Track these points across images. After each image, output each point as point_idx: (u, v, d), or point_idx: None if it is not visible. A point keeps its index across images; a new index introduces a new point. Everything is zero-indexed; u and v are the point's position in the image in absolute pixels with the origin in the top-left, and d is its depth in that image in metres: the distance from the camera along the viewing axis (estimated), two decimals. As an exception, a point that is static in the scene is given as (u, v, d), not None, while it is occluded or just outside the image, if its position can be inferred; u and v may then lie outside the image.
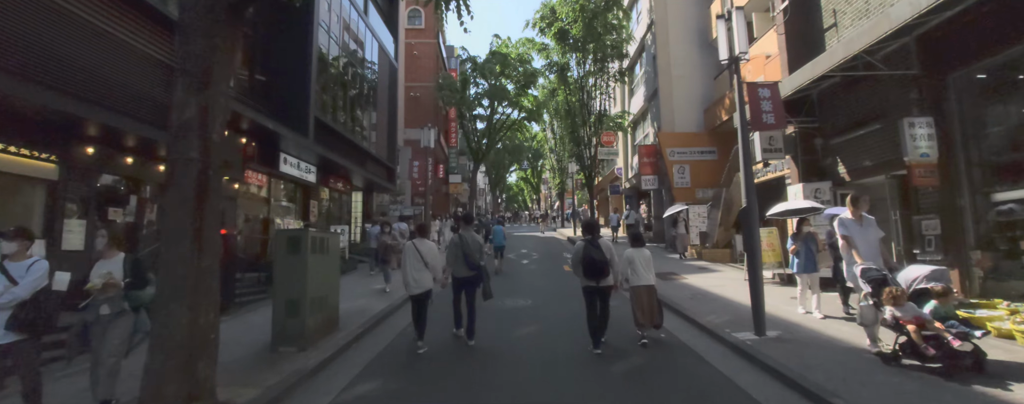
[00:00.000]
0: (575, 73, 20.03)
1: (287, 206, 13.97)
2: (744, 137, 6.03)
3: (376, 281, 10.95)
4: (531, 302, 8.43)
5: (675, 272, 11.14)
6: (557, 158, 32.15)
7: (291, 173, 13.19)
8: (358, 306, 7.88)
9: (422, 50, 26.88)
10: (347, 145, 16.41)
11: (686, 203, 14.89)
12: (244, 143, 11.35)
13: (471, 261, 5.76)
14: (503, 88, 22.48)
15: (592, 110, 19.46)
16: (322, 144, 14.10)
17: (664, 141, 15.84)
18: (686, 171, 15.61)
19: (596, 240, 5.40)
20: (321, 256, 5.91)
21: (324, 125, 14.33)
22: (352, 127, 16.90)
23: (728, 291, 8.59)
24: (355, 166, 17.01)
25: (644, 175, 16.83)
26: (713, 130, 15.67)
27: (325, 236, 6.10)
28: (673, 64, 16.71)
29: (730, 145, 15.79)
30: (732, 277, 10.33)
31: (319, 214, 15.86)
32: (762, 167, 10.15)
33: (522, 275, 12.16)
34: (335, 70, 14.99)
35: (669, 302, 7.85)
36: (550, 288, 9.89)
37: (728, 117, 14.20)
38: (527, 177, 52.68)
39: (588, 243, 5.39)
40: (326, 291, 6.03)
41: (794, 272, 6.87)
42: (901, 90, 6.83)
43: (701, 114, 16.34)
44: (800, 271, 6.74)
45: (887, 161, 7.07)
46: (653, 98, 17.97)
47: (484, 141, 24.48)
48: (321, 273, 5.89)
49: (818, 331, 5.84)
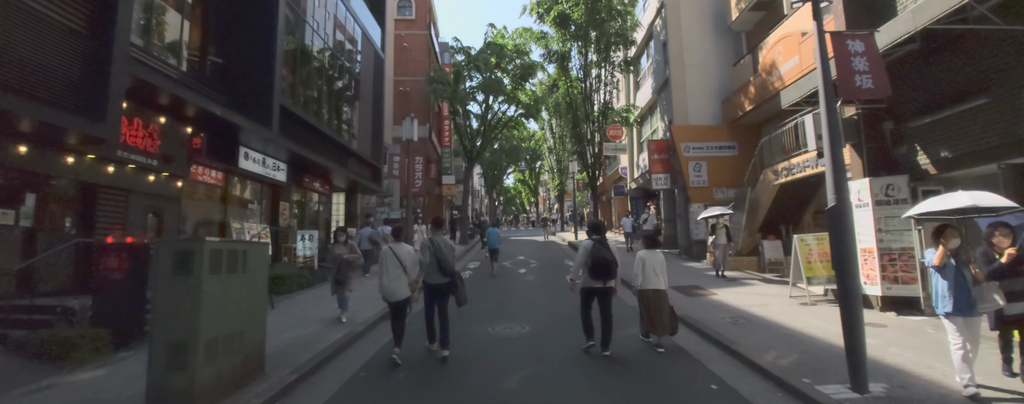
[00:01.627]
0: (576, 63, 18.38)
1: (251, 208, 12.23)
2: (829, 106, 4.34)
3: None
4: (529, 329, 6.69)
5: (699, 285, 9.43)
6: (556, 158, 30.46)
7: (254, 170, 11.47)
8: (302, 338, 6.07)
9: (412, 42, 25.20)
10: (324, 140, 14.69)
11: (706, 204, 13.21)
12: (190, 133, 9.65)
13: (445, 267, 5.36)
14: (499, 81, 20.77)
15: (595, 103, 17.78)
16: (292, 138, 12.39)
17: (678, 135, 14.17)
18: (703, 168, 13.93)
19: (604, 240, 5.29)
20: (235, 277, 4.18)
21: (294, 116, 12.62)
22: (330, 121, 15.18)
23: (775, 313, 6.88)
24: (335, 164, 15.30)
25: (655, 173, 15.14)
26: (733, 123, 14.01)
27: (241, 247, 4.36)
28: (686, 51, 15.06)
29: (752, 139, 14.13)
30: (770, 293, 8.62)
31: (291, 217, 14.12)
32: (814, 158, 8.43)
33: (518, 288, 10.42)
34: (307, 55, 13.29)
35: (704, 327, 6.13)
36: (554, 308, 8.16)
37: (753, 107, 12.55)
38: (525, 179, 50.93)
39: (597, 243, 5.25)
40: (243, 325, 4.30)
41: (940, 314, 4.10)
42: (1020, 53, 5.15)
43: (718, 106, 14.69)
44: (948, 309, 3.97)
45: (998, 146, 5.39)
46: (663, 89, 16.31)
47: (478, 142, 22.71)
48: (234, 301, 4.17)
49: (944, 386, 4.13)
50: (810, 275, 7.50)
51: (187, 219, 9.89)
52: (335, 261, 7.14)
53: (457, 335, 5.99)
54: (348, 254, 7.25)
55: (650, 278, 5.51)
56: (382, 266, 5.34)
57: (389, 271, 5.26)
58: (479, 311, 7.83)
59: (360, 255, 7.16)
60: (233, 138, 10.65)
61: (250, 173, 11.40)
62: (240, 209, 11.73)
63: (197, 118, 9.44)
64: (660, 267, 5.57)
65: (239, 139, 10.79)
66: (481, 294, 9.66)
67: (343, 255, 7.18)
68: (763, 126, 13.95)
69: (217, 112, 9.05)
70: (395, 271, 5.26)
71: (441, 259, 5.32)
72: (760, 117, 13.44)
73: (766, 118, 13.43)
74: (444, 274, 5.38)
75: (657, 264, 5.55)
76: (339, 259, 7.14)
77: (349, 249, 7.39)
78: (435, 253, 5.34)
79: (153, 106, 8.53)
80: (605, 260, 5.11)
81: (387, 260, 5.32)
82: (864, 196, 6.89)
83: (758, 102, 12.20)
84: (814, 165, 9.43)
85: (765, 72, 11.77)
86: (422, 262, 5.32)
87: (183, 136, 9.48)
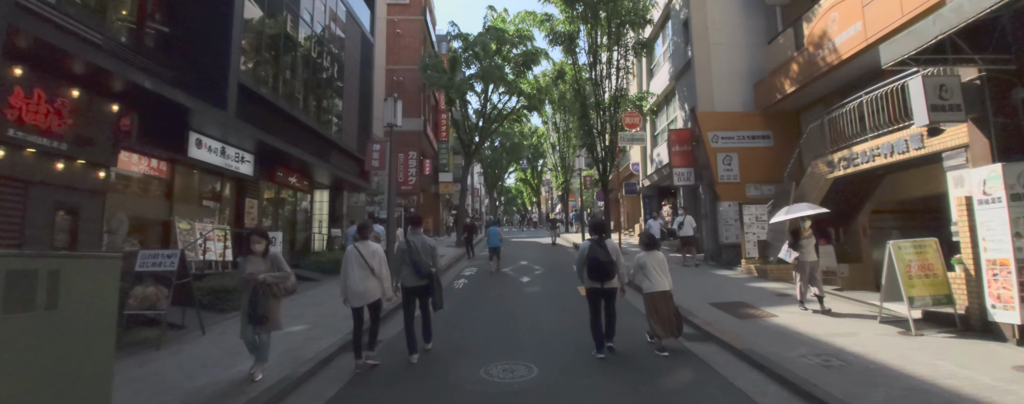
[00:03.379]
0: (584, 46, 16.54)
1: (206, 205, 10.42)
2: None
3: (305, 314, 7.40)
4: (536, 372, 4.77)
5: (747, 302, 7.59)
6: (560, 155, 28.61)
7: (210, 161, 9.69)
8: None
9: (406, 28, 23.41)
10: (301, 130, 12.92)
11: (740, 202, 11.37)
12: (117, 113, 7.84)
13: (421, 269, 5.17)
14: (499, 67, 18.93)
15: (606, 90, 15.91)
16: (260, 125, 10.64)
17: (704, 123, 12.33)
18: (733, 161, 12.09)
19: (603, 240, 5.15)
20: (32, 320, 2.36)
21: (262, 100, 10.84)
22: (308, 108, 13.39)
23: (876, 349, 5.02)
24: (315, 158, 13.53)
25: (676, 168, 13.30)
26: (767, 109, 12.17)
27: (44, 265, 2.53)
28: (712, 29, 13.24)
29: (789, 128, 12.29)
30: (846, 314, 6.77)
31: (261, 217, 12.31)
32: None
33: (521, 304, 8.59)
34: (277, 29, 11.49)
35: (786, 372, 4.29)
36: (567, 334, 6.34)
37: (796, 88, 10.70)
38: (527, 178, 49.04)
39: (594, 243, 5.13)
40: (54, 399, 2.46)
41: None
42: None
43: (748, 90, 12.85)
44: None
45: None
46: (683, 74, 14.47)
47: (477, 137, 20.89)
48: (32, 363, 2.33)
49: None
50: (910, 294, 5.65)
51: (115, 217, 8.08)
52: (247, 283, 4.42)
53: (441, 386, 4.47)
54: (270, 274, 4.47)
55: (656, 280, 5.34)
56: (346, 267, 4.95)
57: (354, 272, 4.90)
58: (471, 341, 6.02)
59: (289, 273, 4.69)
60: (181, 121, 8.86)
61: (205, 164, 9.60)
62: (192, 207, 9.92)
63: (128, 94, 7.64)
64: (661, 267, 5.43)
65: (189, 123, 9.00)
66: (474, 313, 7.84)
67: (260, 275, 4.40)
68: (803, 113, 12.12)
69: (146, 85, 7.25)
70: (361, 272, 4.89)
71: (416, 261, 5.12)
72: (801, 101, 11.60)
73: (809, 102, 11.60)
74: (420, 276, 5.16)
75: (657, 265, 5.42)
76: (253, 280, 4.39)
77: (271, 264, 4.57)
78: (411, 255, 5.11)
79: (64, 76, 6.74)
80: (597, 261, 4.97)
81: (351, 261, 4.94)
82: (994, 188, 5.05)
83: (804, 81, 10.35)
84: (889, 153, 7.59)
85: (813, 46, 9.94)
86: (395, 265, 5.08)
87: (107, 115, 7.68)
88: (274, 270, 4.57)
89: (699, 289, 8.84)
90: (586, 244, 5.19)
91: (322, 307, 7.88)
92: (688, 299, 7.90)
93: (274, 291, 4.49)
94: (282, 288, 4.57)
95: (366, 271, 4.89)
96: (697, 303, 7.57)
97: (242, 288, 4.55)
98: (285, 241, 13.94)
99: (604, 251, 5.01)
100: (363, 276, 4.88)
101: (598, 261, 4.96)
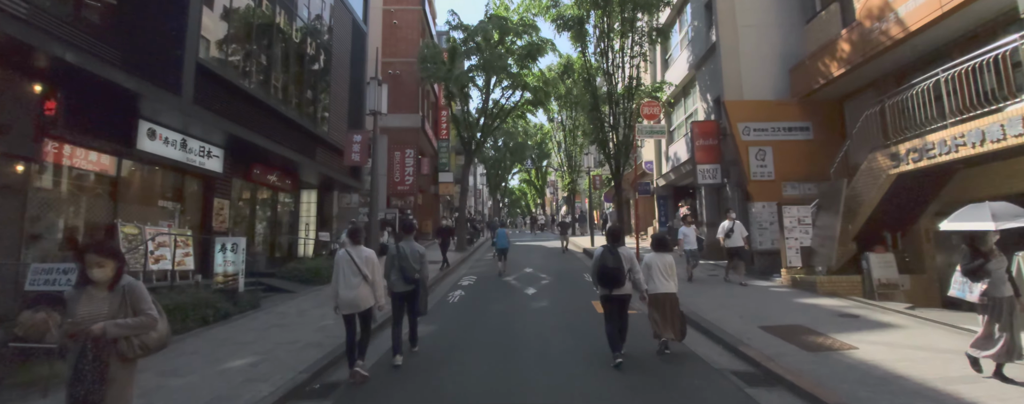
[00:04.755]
0: (594, 32, 15.14)
1: (163, 206, 9.08)
2: None
3: (259, 341, 6.01)
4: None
5: (808, 327, 6.12)
6: (567, 154, 27.19)
7: (168, 155, 8.42)
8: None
9: (404, 19, 22.10)
10: (282, 123, 11.63)
11: (778, 202, 9.92)
12: (40, 94, 6.53)
13: (408, 275, 5.25)
14: (501, 57, 17.55)
15: (619, 80, 14.47)
16: (229, 115, 9.39)
17: (734, 114, 10.88)
18: (768, 156, 10.63)
19: (615, 248, 5.07)
20: None
21: (230, 86, 9.53)
22: (290, 100, 12.06)
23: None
24: (299, 154, 12.23)
25: (700, 164, 11.85)
26: (807, 97, 10.71)
27: None
28: (739, 9, 11.82)
29: (831, 118, 10.84)
30: (942, 345, 5.32)
31: (235, 220, 10.98)
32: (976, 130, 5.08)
33: (527, 325, 7.17)
34: (250, 10, 10.16)
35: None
36: (585, 368, 4.94)
37: (843, 72, 9.25)
38: (531, 179, 47.53)
39: (607, 250, 5.07)
40: None
41: None
42: None
43: (783, 76, 11.41)
44: None
45: None
46: (706, 61, 13.05)
47: (478, 135, 19.52)
48: None
49: None
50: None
51: (40, 220, 6.74)
52: (75, 338, 2.49)
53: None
54: (114, 322, 2.54)
55: (659, 282, 5.37)
56: (337, 273, 4.78)
57: (347, 279, 4.73)
58: (462, 387, 4.60)
59: (154, 318, 2.64)
60: (129, 109, 7.56)
61: (160, 158, 8.28)
62: (144, 208, 8.58)
63: (54, 74, 6.35)
64: (668, 269, 5.45)
65: (139, 110, 7.70)
66: (468, 337, 6.44)
67: (97, 325, 2.48)
68: (848, 101, 10.68)
69: (68, 58, 5.93)
70: (354, 279, 4.73)
71: (404, 267, 5.24)
72: (847, 87, 10.16)
73: (855, 88, 10.16)
74: (407, 281, 5.29)
75: (665, 267, 5.44)
76: (83, 334, 2.47)
77: (122, 303, 2.62)
78: (399, 261, 5.24)
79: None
80: (606, 267, 4.97)
81: (343, 266, 4.77)
82: None
83: (856, 63, 8.89)
84: (978, 141, 6.13)
85: (870, 19, 8.49)
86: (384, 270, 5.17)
87: (28, 98, 6.37)
88: (125, 313, 2.63)
89: (739, 306, 7.40)
90: (599, 251, 5.15)
91: (286, 330, 6.49)
92: (730, 320, 6.46)
93: (122, 351, 2.58)
94: (139, 345, 2.63)
95: (359, 278, 4.71)
96: (743, 326, 6.14)
97: (65, 347, 2.66)
98: (264, 246, 12.62)
99: (614, 258, 4.99)
100: (355, 283, 4.69)
101: (606, 267, 4.96)
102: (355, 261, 4.72)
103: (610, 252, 5.03)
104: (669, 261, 5.48)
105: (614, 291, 5.01)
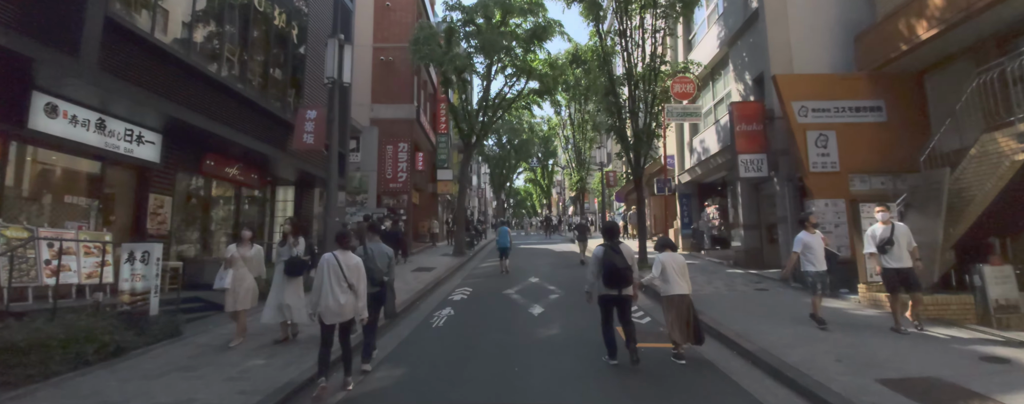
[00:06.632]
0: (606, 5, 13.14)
1: (73, 203, 7.18)
2: None
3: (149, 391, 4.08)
4: None
5: (959, 383, 4.11)
6: (576, 150, 25.15)
7: (74, 138, 6.62)
8: None
9: (397, 1, 20.21)
10: (243, 107, 9.80)
11: (848, 200, 7.87)
12: None
13: (375, 276, 5.07)
14: (503, 36, 15.61)
15: (639, 61, 12.43)
16: (161, 90, 7.55)
17: (786, 90, 8.84)
18: (830, 142, 8.59)
19: (617, 245, 4.99)
20: None
21: (158, 51, 7.62)
22: (253, 79, 10.19)
23: None
24: (264, 144, 10.38)
25: (742, 154, 9.81)
26: (878, 69, 8.67)
27: None
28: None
29: (908, 94, 8.78)
30: None
31: (177, 222, 9.09)
32: None
33: (531, 362, 5.21)
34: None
35: None
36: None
37: (936, 33, 7.21)
38: (536, 178, 45.50)
39: (609, 248, 4.95)
40: None
41: None
42: None
43: (844, 46, 9.39)
44: None
45: None
46: (743, 34, 11.04)
47: (479, 128, 17.58)
48: None
49: None
50: None
51: None
52: None
53: None
54: None
55: (675, 283, 5.17)
56: (320, 279, 4.45)
57: (331, 287, 4.40)
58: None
59: None
60: (20, 78, 5.73)
61: (66, 141, 6.42)
62: (42, 205, 6.70)
63: None
64: (681, 270, 5.24)
65: (33, 79, 5.86)
66: (451, 388, 4.47)
67: None
68: (929, 73, 8.62)
69: None
70: (338, 286, 4.42)
71: (371, 268, 5.00)
72: (930, 57, 8.12)
73: (942, 58, 8.12)
74: (373, 283, 5.02)
75: (677, 267, 5.23)
76: None
77: None
78: (366, 262, 4.92)
79: None
80: (615, 267, 4.79)
81: (329, 273, 4.44)
82: None
83: (956, 19, 6.84)
84: None
85: (983, -43, 6.46)
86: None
87: None
88: None
89: (830, 342, 5.37)
90: (599, 250, 5.02)
91: (188, 379, 4.52)
92: (825, 366, 4.46)
93: None
94: None
95: (344, 286, 4.46)
96: (857, 382, 4.12)
97: None
98: (220, 252, 10.72)
99: (621, 257, 4.87)
100: (340, 291, 4.44)
101: (615, 267, 4.80)
102: (342, 269, 4.45)
103: (614, 250, 4.90)
104: (681, 261, 5.37)
105: (622, 291, 4.90)
